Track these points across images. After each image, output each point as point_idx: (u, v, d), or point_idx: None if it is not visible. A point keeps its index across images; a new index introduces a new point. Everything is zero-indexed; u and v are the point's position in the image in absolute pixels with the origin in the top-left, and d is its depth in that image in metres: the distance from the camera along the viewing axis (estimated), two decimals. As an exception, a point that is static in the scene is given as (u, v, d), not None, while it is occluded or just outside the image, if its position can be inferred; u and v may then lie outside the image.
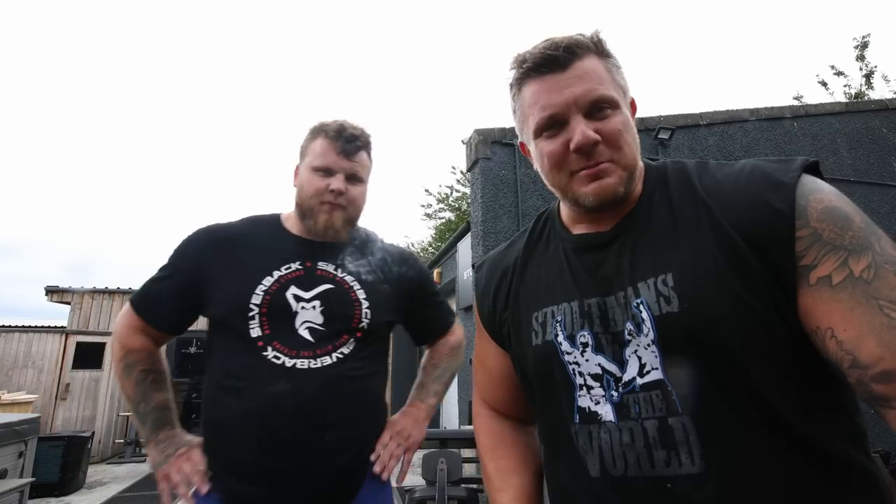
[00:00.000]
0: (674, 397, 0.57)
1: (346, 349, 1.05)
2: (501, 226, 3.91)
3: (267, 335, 1.01)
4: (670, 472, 0.56)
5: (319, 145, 1.10)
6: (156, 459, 1.05)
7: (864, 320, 0.49)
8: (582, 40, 0.66)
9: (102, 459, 6.89)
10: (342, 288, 1.09)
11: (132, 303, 1.12)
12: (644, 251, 0.63)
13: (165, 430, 1.07)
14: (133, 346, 1.09)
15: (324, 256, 1.12)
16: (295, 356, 1.00)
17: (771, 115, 4.82)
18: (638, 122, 3.40)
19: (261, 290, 1.03)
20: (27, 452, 3.90)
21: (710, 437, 0.55)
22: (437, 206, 14.70)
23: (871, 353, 0.48)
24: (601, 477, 0.61)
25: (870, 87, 10.59)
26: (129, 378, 1.08)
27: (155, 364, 1.11)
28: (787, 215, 0.55)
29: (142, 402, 1.07)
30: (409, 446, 1.13)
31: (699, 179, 0.65)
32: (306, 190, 1.10)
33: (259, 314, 1.02)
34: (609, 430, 0.61)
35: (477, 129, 4.13)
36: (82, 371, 7.03)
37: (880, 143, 5.05)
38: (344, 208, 1.10)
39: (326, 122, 1.13)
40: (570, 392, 0.65)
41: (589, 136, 0.62)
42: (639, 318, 0.60)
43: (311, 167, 1.10)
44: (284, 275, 1.06)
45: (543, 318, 0.70)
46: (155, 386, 1.09)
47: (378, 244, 1.22)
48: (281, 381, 0.97)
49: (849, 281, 0.51)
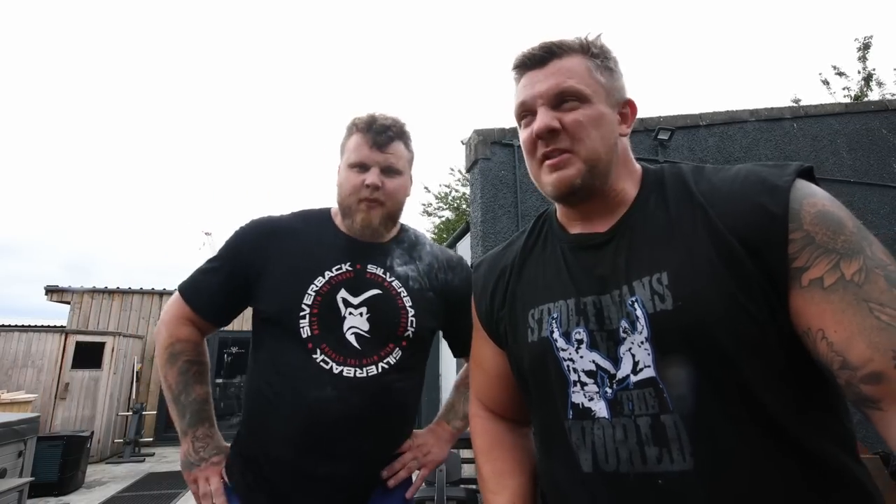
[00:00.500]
0: (665, 395, 0.58)
1: (391, 359, 1.04)
2: (501, 226, 3.91)
3: (316, 336, 1.01)
4: (662, 469, 0.57)
5: (353, 141, 1.09)
6: (189, 457, 1.05)
7: (854, 322, 0.50)
8: (567, 41, 0.71)
9: (101, 459, 6.88)
10: (389, 294, 1.08)
11: (181, 291, 1.11)
12: (639, 251, 0.65)
13: (204, 426, 1.06)
14: (180, 336, 1.09)
15: (374, 258, 1.11)
16: (342, 363, 1.00)
17: (771, 115, 4.82)
18: (637, 123, 3.41)
19: (312, 291, 1.03)
20: (26, 452, 3.90)
21: (701, 435, 0.56)
22: (436, 203, 14.71)
23: (861, 354, 0.49)
24: (594, 472, 0.62)
25: (870, 88, 10.59)
26: (172, 367, 1.08)
27: (199, 356, 1.11)
28: (781, 218, 0.56)
29: (183, 393, 1.06)
30: (425, 463, 1.12)
31: (695, 183, 0.66)
32: (344, 188, 1.09)
33: (310, 314, 1.01)
34: (602, 426, 0.62)
35: (476, 130, 4.13)
36: (82, 371, 7.02)
37: (880, 144, 5.05)
38: (382, 204, 1.07)
39: (360, 115, 1.11)
40: (565, 388, 0.66)
41: (545, 122, 0.67)
42: (633, 315, 0.61)
43: (347, 164, 1.09)
44: (335, 276, 1.06)
45: (540, 315, 0.71)
46: (197, 378, 1.09)
47: (426, 248, 1.20)
48: (327, 388, 0.97)
49: (840, 283, 0.52)
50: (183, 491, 5.19)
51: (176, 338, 1.09)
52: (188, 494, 5.10)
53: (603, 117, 0.68)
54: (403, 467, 1.07)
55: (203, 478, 1.03)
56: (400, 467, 1.06)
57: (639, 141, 4.31)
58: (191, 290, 1.11)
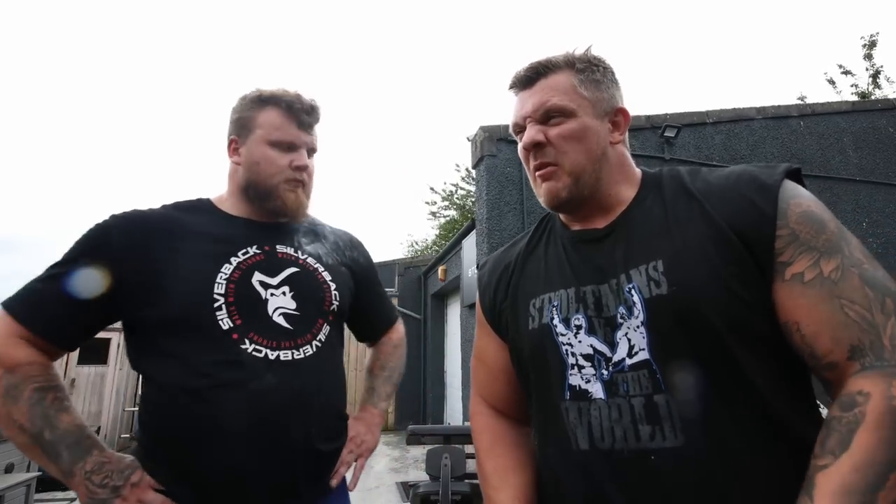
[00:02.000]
0: (658, 376, 0.62)
1: (322, 336, 1.00)
2: (506, 223, 3.91)
3: (239, 326, 0.90)
4: (654, 446, 0.61)
5: (274, 117, 0.99)
6: (95, 496, 0.81)
7: (824, 317, 0.56)
8: (554, 59, 0.75)
9: (107, 454, 6.95)
10: (307, 271, 1.03)
11: (6, 306, 0.85)
12: (637, 243, 0.69)
13: (93, 455, 0.83)
14: (18, 360, 0.83)
15: (280, 239, 1.03)
16: (277, 347, 0.92)
17: (777, 113, 4.80)
18: (644, 120, 3.43)
19: (222, 279, 0.92)
20: (34, 446, 3.94)
21: (692, 414, 0.59)
22: (441, 203, 14.72)
23: (824, 346, 0.56)
24: (590, 449, 0.65)
25: (877, 86, 10.51)
26: (16, 402, 0.81)
27: (52, 380, 0.86)
28: (770, 216, 0.61)
29: (46, 429, 0.81)
30: (361, 453, 1.11)
31: (692, 182, 0.71)
32: (265, 168, 0.99)
33: (226, 304, 0.91)
34: (598, 406, 0.66)
35: (482, 126, 4.12)
36: (88, 367, 7.08)
37: (887, 143, 5.02)
38: (305, 185, 1.03)
39: (273, 89, 1.02)
40: (563, 371, 0.70)
41: (531, 137, 0.73)
42: (630, 301, 0.65)
43: (266, 141, 0.99)
44: (244, 260, 0.96)
45: (541, 303, 0.75)
46: (58, 405, 0.84)
47: (327, 228, 1.18)
48: (267, 375, 0.89)
49: (818, 279, 0.58)
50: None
51: (10, 365, 0.82)
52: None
53: (587, 130, 0.72)
54: (342, 463, 1.04)
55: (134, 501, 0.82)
56: (339, 465, 1.04)
57: (645, 138, 4.30)
58: (22, 303, 0.86)
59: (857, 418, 0.51)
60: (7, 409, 0.82)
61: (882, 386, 0.51)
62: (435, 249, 14.67)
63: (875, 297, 0.56)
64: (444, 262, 7.33)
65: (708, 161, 4.37)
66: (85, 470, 0.82)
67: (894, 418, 0.50)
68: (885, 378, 0.52)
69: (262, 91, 1.02)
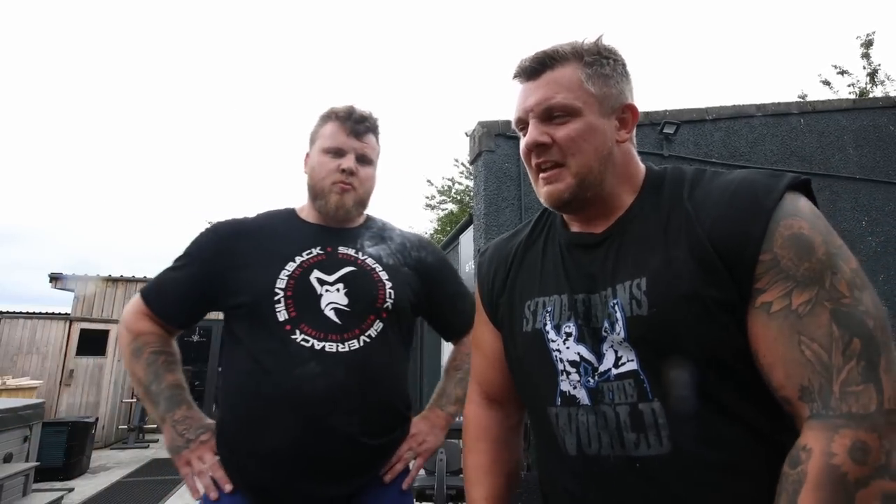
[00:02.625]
0: (645, 385, 0.62)
1: (372, 332, 1.05)
2: (504, 219, 3.91)
3: (294, 318, 1.01)
4: (639, 453, 0.61)
5: (329, 128, 1.12)
6: (174, 441, 1.02)
7: (780, 353, 0.55)
8: (561, 49, 0.71)
9: (106, 445, 6.97)
10: (364, 270, 1.10)
11: (142, 293, 1.11)
12: (626, 255, 0.68)
13: (182, 409, 1.04)
14: (142, 330, 1.08)
15: (344, 241, 1.13)
16: (323, 339, 1.00)
17: (777, 110, 4.78)
18: (643, 116, 3.42)
19: (284, 275, 1.04)
20: (32, 437, 3.95)
21: (677, 423, 0.60)
22: (439, 197, 14.69)
23: (779, 380, 0.55)
24: (578, 455, 0.66)
25: (874, 84, 10.48)
26: (138, 361, 1.06)
27: (166, 346, 1.09)
28: (757, 238, 0.58)
29: (154, 383, 1.04)
30: (420, 452, 1.12)
31: (690, 190, 0.68)
32: (317, 172, 1.11)
33: (284, 297, 1.02)
34: (586, 412, 0.66)
35: (481, 122, 4.11)
36: (86, 358, 7.09)
37: (887, 141, 5.01)
38: (355, 189, 1.11)
39: (336, 106, 1.15)
40: (554, 377, 0.70)
41: (534, 138, 0.70)
42: (613, 317, 0.65)
43: (321, 149, 1.11)
44: (306, 259, 1.08)
45: (535, 307, 0.75)
46: (167, 367, 1.07)
47: (396, 231, 1.23)
48: (311, 363, 0.97)
49: (784, 311, 0.56)
50: (186, 477, 5.25)
51: (136, 332, 1.07)
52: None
53: (594, 129, 0.69)
54: (399, 460, 1.08)
55: (195, 457, 1.00)
56: (396, 461, 1.07)
57: (644, 135, 4.29)
58: (152, 293, 1.10)
59: (800, 478, 0.50)
60: (132, 366, 1.07)
61: (822, 442, 0.49)
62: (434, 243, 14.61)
63: (840, 337, 0.52)
64: (443, 256, 7.31)
65: (707, 158, 4.36)
66: (174, 419, 1.03)
67: (831, 478, 0.48)
68: (826, 432, 0.50)
69: (329, 110, 1.15)
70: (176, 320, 1.12)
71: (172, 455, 1.03)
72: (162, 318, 1.09)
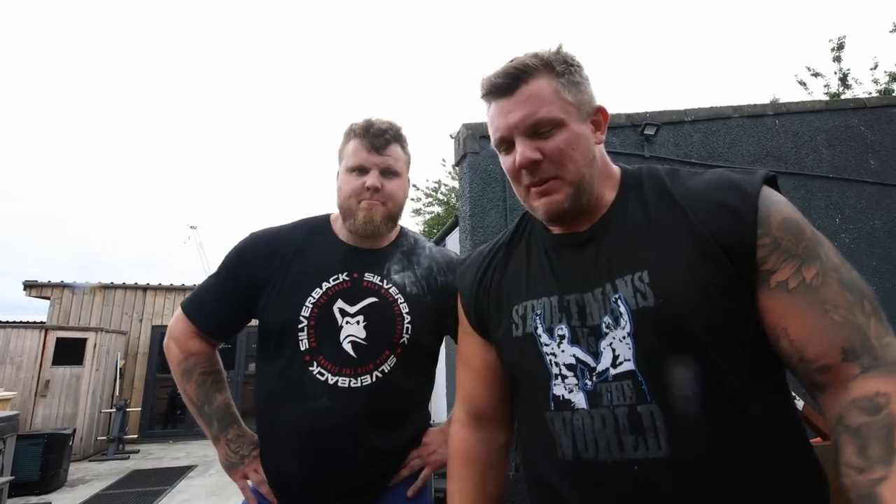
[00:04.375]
0: (643, 387, 0.62)
1: (386, 367, 1.06)
2: (489, 220, 3.92)
3: (314, 348, 1.04)
4: (638, 456, 0.61)
5: (351, 146, 1.11)
6: (229, 458, 1.10)
7: (812, 323, 0.58)
8: (530, 63, 0.70)
9: (84, 457, 6.77)
10: (386, 301, 1.10)
11: (185, 308, 1.14)
12: (621, 250, 0.68)
13: (233, 428, 1.11)
14: (192, 350, 1.12)
15: (370, 266, 1.12)
16: (337, 373, 1.03)
17: (753, 112, 4.90)
18: (624, 118, 3.47)
19: (310, 303, 1.06)
20: (6, 451, 3.82)
21: (676, 424, 0.60)
22: (425, 200, 14.69)
23: (816, 349, 0.57)
24: (574, 460, 0.65)
25: (846, 87, 10.80)
26: (189, 381, 1.12)
27: (213, 365, 1.15)
28: (751, 224, 0.62)
29: (206, 404, 1.11)
30: (429, 462, 1.12)
31: (673, 186, 0.70)
32: (344, 191, 1.10)
33: (307, 327, 1.04)
34: (581, 416, 0.66)
35: (465, 124, 4.12)
36: (63, 367, 6.89)
37: (858, 141, 5.17)
38: (383, 204, 1.09)
39: (355, 123, 1.13)
40: (547, 381, 0.70)
41: (526, 156, 0.69)
42: (617, 312, 0.65)
43: (346, 168, 1.10)
44: (332, 286, 1.08)
45: (524, 311, 0.74)
46: (216, 387, 1.13)
47: (425, 252, 1.20)
48: (323, 398, 1.01)
49: (802, 287, 0.59)
50: (168, 488, 5.14)
51: (187, 353, 1.12)
52: (174, 491, 5.05)
53: (579, 137, 0.70)
54: (405, 466, 1.08)
55: (251, 470, 1.08)
56: (402, 467, 1.08)
57: (626, 136, 4.35)
58: (194, 308, 1.14)
59: (890, 420, 0.50)
60: (184, 386, 1.12)
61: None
62: (419, 246, 14.58)
63: (854, 301, 0.57)
64: (429, 258, 7.30)
65: (686, 159, 4.44)
66: (227, 438, 1.11)
67: None
68: (891, 377, 0.52)
69: (352, 126, 1.13)
70: (219, 335, 1.16)
71: (228, 470, 1.12)
72: (207, 333, 1.13)
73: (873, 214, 4.91)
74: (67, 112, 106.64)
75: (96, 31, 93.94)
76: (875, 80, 10.67)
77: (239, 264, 1.13)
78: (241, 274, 1.11)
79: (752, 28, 33.45)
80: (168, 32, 76.79)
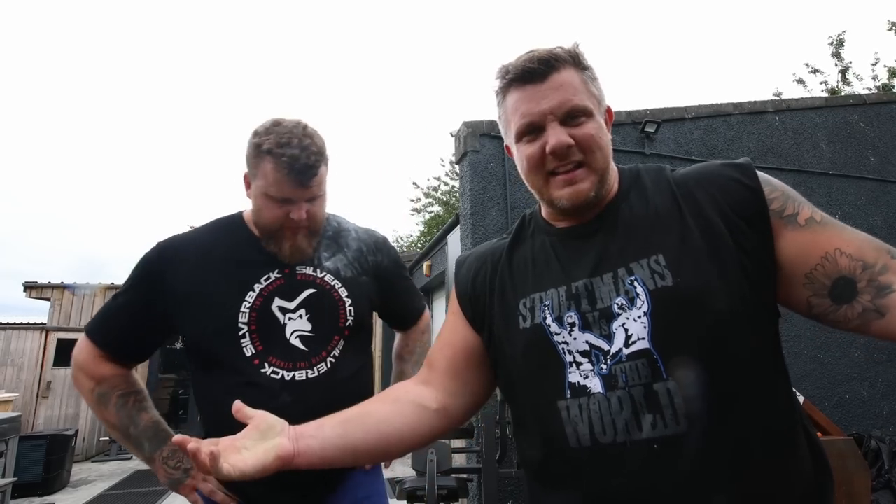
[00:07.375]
0: (659, 364, 0.62)
1: (337, 351, 1.06)
2: (490, 218, 3.92)
3: (261, 352, 1.00)
4: (657, 434, 0.61)
5: (271, 172, 0.98)
6: (171, 476, 1.02)
7: (855, 237, 0.64)
8: (560, 54, 0.73)
9: (87, 457, 6.80)
10: (324, 290, 1.08)
11: (88, 333, 1.04)
12: (633, 237, 0.70)
13: (167, 445, 1.03)
14: (104, 375, 1.03)
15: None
16: (292, 368, 1.00)
17: (754, 109, 4.89)
18: (625, 116, 3.47)
19: (245, 308, 1.01)
20: (8, 452, 3.83)
21: (693, 400, 0.60)
22: (425, 199, 14.68)
23: (873, 255, 0.62)
24: (592, 445, 0.65)
25: (846, 83, 10.80)
26: (107, 407, 1.03)
27: (132, 386, 1.06)
28: (757, 187, 0.68)
29: (131, 426, 1.03)
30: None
31: (671, 176, 0.74)
32: (265, 215, 1.02)
33: (249, 332, 1.00)
34: (598, 400, 0.65)
35: (466, 122, 4.12)
36: (64, 368, 6.89)
37: (858, 138, 5.16)
38: (307, 227, 1.04)
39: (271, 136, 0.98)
40: (561, 370, 0.69)
41: (563, 139, 0.70)
42: (633, 293, 0.66)
43: (264, 194, 1.00)
44: (265, 286, 1.03)
45: (531, 303, 0.75)
46: (138, 406, 1.04)
47: (352, 234, 1.19)
48: (283, 394, 0.98)
49: (825, 219, 0.66)
50: (171, 488, 5.14)
51: (98, 379, 1.03)
52: (176, 491, 5.06)
53: (602, 129, 0.73)
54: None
55: (200, 480, 1.02)
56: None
57: (626, 133, 4.35)
58: (101, 332, 1.04)
59: None
60: (101, 412, 1.04)
61: None
62: (420, 245, 14.65)
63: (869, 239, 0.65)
64: (429, 257, 7.32)
65: (687, 156, 4.44)
66: (162, 456, 1.02)
67: None
68: None
69: (262, 139, 0.99)
70: (130, 357, 1.07)
71: (174, 488, 1.04)
72: (115, 356, 1.04)
73: (873, 211, 4.91)
74: (67, 112, 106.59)
75: (96, 32, 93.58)
76: (874, 77, 10.68)
77: (143, 279, 1.03)
78: (151, 289, 1.02)
79: (753, 25, 33.44)
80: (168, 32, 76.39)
